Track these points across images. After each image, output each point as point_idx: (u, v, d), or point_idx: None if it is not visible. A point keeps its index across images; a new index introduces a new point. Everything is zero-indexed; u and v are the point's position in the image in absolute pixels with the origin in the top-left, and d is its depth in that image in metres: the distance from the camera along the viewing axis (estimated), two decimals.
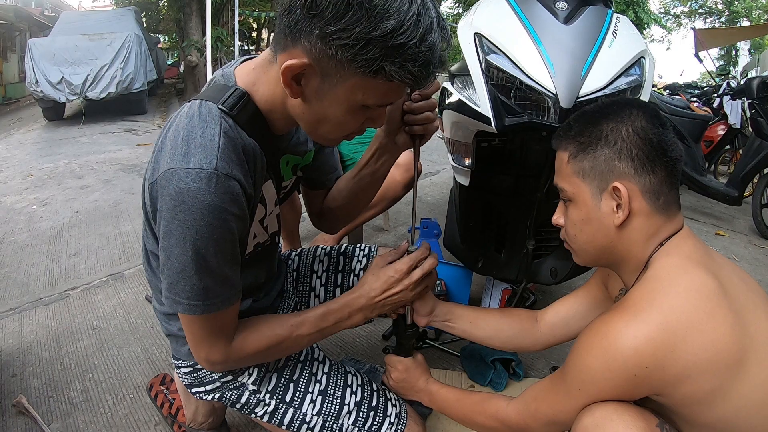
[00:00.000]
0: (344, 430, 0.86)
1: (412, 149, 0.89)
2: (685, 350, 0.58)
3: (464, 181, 1.36)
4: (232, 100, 0.69)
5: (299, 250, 1.16)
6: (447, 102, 1.30)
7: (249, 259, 0.81)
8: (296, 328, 0.79)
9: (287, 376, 0.87)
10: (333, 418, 0.86)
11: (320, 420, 0.85)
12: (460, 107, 1.22)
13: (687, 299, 0.61)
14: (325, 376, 0.89)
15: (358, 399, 0.88)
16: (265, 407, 0.85)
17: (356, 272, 1.09)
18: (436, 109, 0.85)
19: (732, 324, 0.60)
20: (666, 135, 0.68)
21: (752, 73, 9.58)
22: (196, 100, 0.71)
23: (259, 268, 0.88)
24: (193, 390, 0.89)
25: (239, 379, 0.86)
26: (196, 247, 0.64)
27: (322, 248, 1.15)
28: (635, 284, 0.69)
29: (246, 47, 13.91)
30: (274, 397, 0.85)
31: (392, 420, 0.88)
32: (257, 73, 0.73)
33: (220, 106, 0.68)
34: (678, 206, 0.70)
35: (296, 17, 0.59)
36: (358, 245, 1.14)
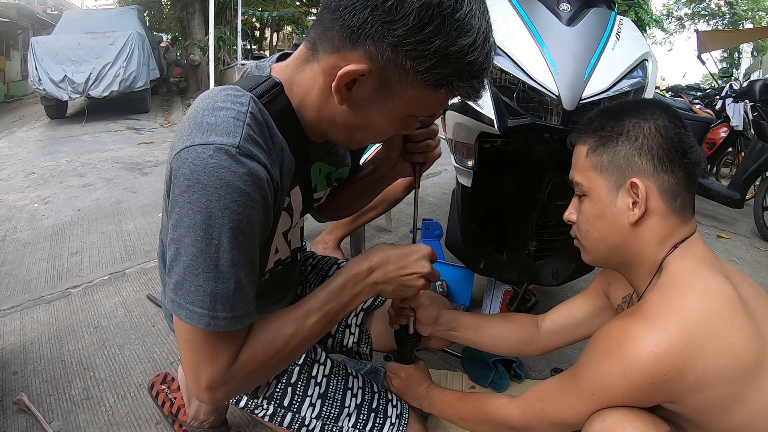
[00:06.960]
0: None
1: (412, 176, 0.86)
2: (703, 356, 0.57)
3: (466, 182, 1.36)
4: (263, 88, 0.63)
5: (315, 260, 1.13)
6: (450, 103, 1.30)
7: (268, 279, 0.76)
8: (303, 319, 0.69)
9: (285, 381, 0.85)
10: (332, 421, 0.85)
11: (319, 423, 0.85)
12: (463, 108, 1.22)
13: (705, 304, 0.60)
14: (325, 379, 0.88)
15: (358, 401, 0.88)
16: (264, 410, 0.85)
17: (357, 311, 1.04)
18: (438, 136, 0.83)
19: (749, 329, 0.59)
20: (687, 137, 0.67)
21: (755, 76, 9.59)
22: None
23: (276, 290, 0.84)
24: None
25: None
26: (208, 236, 0.55)
27: (336, 267, 1.10)
28: (650, 288, 0.68)
29: (249, 46, 13.94)
30: (272, 402, 0.84)
31: (393, 421, 0.88)
32: (290, 70, 0.66)
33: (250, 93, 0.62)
34: (692, 212, 0.69)
35: (363, 18, 0.53)
36: None
